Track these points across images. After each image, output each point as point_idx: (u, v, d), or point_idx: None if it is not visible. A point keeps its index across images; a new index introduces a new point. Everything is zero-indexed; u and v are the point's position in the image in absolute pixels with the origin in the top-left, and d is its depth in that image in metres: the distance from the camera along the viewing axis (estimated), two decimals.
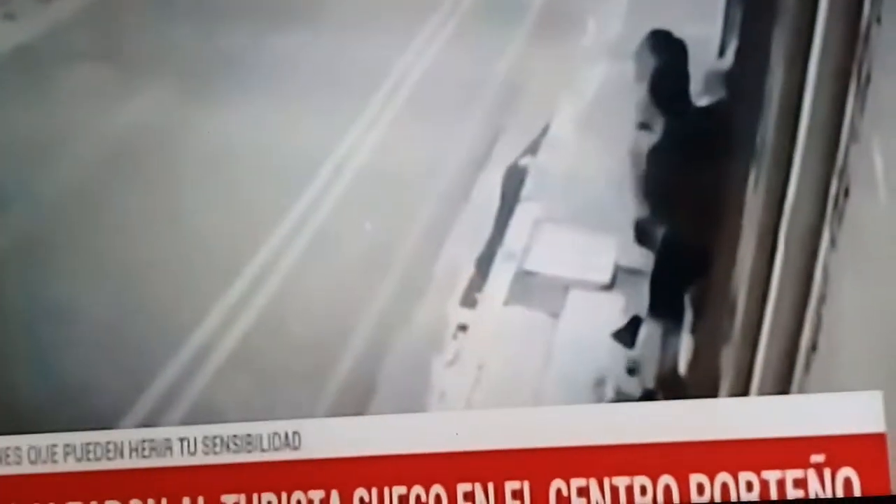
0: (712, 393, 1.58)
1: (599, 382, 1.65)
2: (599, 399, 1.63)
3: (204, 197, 1.70)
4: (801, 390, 1.48)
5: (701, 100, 1.74)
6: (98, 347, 1.62)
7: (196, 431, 1.40)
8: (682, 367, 1.68)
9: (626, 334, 1.70)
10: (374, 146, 1.78)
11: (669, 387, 1.65)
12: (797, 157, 1.55)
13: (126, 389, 1.57)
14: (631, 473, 1.37)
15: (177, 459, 1.40)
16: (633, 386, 1.62)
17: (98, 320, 1.64)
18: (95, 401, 1.54)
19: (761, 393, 1.52)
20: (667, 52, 1.73)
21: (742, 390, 1.54)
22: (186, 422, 1.52)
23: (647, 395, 1.67)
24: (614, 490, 1.37)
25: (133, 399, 1.56)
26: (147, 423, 1.52)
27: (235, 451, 1.39)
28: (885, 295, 1.43)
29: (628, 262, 1.76)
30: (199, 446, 1.40)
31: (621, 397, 1.62)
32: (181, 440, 1.40)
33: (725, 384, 1.58)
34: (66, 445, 1.41)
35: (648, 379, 1.68)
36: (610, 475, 1.37)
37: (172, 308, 1.66)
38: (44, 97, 1.72)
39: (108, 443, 1.40)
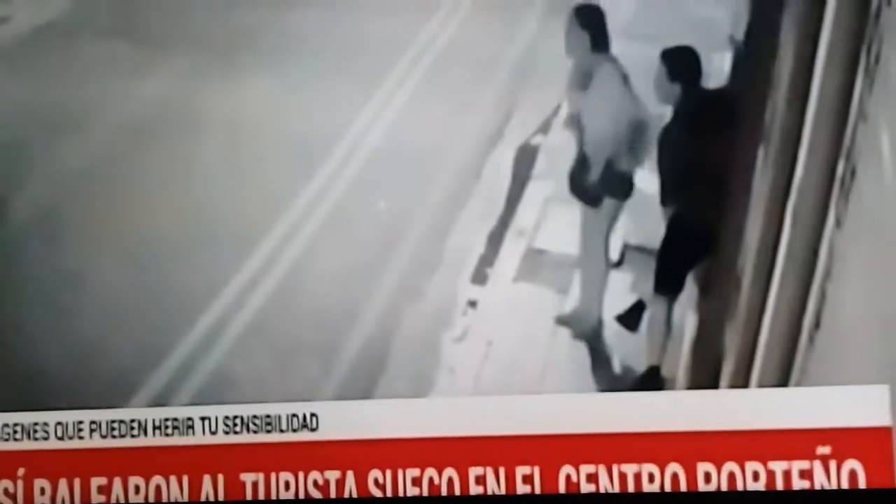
0: (716, 368, 1.60)
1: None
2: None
3: (220, 173, 1.72)
4: (805, 366, 1.49)
5: (710, 79, 1.75)
6: (115, 319, 1.64)
7: (217, 411, 1.42)
8: (687, 344, 1.71)
9: (631, 318, 1.73)
10: (388, 125, 1.79)
11: (673, 363, 1.68)
12: (805, 137, 1.55)
13: (143, 360, 1.60)
14: (639, 461, 1.38)
15: (198, 438, 1.41)
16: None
17: (115, 292, 1.66)
18: (113, 372, 1.57)
19: (765, 367, 1.53)
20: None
21: (746, 366, 1.56)
22: (202, 393, 1.55)
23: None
24: (623, 477, 1.38)
25: (150, 370, 1.59)
26: (164, 394, 1.55)
27: (255, 432, 1.41)
28: (888, 278, 1.42)
29: (637, 240, 1.78)
30: (220, 426, 1.42)
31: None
32: (203, 419, 1.42)
33: (730, 359, 1.60)
34: (92, 422, 1.42)
35: (653, 353, 1.71)
36: (619, 462, 1.38)
37: (189, 282, 1.68)
38: (67, 71, 1.73)
39: (132, 420, 1.42)
